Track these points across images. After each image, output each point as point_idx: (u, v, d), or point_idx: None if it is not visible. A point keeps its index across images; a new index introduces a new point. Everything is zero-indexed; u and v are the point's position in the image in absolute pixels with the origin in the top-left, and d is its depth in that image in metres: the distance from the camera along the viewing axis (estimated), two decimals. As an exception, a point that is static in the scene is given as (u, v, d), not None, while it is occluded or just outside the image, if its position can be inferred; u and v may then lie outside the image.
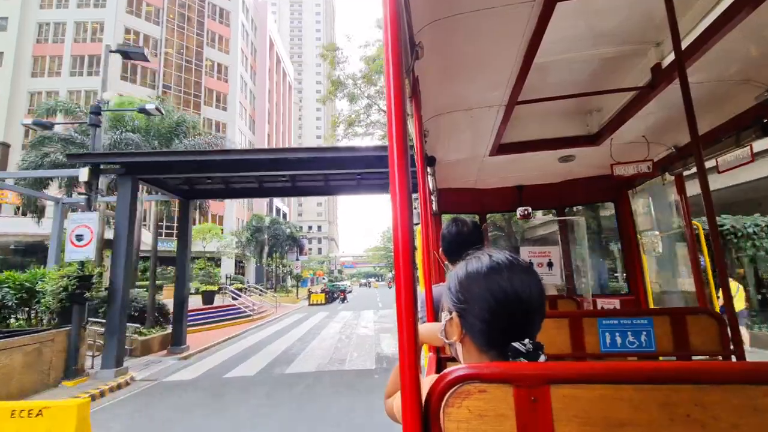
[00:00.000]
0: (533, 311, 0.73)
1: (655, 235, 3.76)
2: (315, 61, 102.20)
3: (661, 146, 2.83)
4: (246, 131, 44.72)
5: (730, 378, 0.59)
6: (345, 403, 6.26)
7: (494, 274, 0.75)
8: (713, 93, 2.06)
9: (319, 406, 6.15)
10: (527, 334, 0.72)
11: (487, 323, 0.73)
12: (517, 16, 1.47)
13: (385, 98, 0.70)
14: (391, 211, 0.65)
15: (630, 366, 0.64)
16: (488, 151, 2.90)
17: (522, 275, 0.75)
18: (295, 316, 21.61)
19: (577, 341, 1.87)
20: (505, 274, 0.74)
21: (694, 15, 1.61)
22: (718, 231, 1.59)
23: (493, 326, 0.73)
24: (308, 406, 6.17)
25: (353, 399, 6.43)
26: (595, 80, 2.21)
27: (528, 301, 0.73)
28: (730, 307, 1.67)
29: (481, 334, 0.74)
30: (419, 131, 1.67)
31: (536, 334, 0.74)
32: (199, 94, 39.91)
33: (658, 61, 1.88)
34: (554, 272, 3.48)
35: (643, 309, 3.32)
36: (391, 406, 0.96)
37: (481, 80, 1.97)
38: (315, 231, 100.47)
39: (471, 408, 0.61)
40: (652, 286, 4.30)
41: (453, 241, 1.72)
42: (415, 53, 1.43)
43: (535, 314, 0.74)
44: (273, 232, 35.09)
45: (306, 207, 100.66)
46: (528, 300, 0.73)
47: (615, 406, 0.59)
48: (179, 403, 6.59)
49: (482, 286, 0.74)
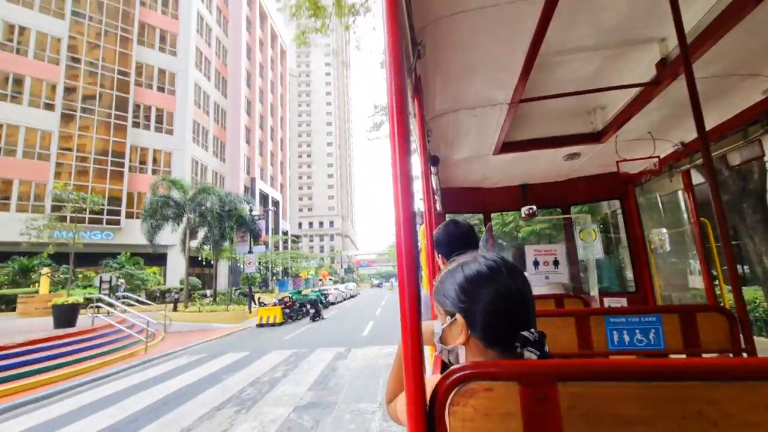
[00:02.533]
0: (531, 306, 0.79)
1: (662, 232, 3.72)
2: (323, 41, 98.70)
3: (667, 143, 2.81)
4: (208, 87, 33.94)
5: (743, 374, 0.58)
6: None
7: (497, 273, 0.79)
8: (719, 88, 2.04)
9: None
10: (530, 326, 0.76)
11: (496, 318, 0.76)
12: (519, 13, 1.46)
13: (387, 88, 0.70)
14: (394, 212, 0.65)
15: (640, 363, 0.63)
16: (492, 150, 2.89)
17: (518, 274, 0.80)
18: (177, 361, 9.94)
19: (583, 340, 1.85)
20: (505, 272, 0.79)
21: (698, 9, 1.59)
22: (727, 227, 1.58)
23: (502, 321, 0.76)
24: None
25: None
26: (599, 77, 2.19)
27: (527, 296, 0.79)
28: (741, 303, 1.65)
29: (488, 330, 0.76)
30: (422, 131, 1.66)
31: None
32: (130, 27, 28.35)
33: (663, 57, 1.86)
34: (560, 270, 3.45)
35: (651, 306, 3.29)
36: (395, 409, 0.95)
37: (484, 79, 1.96)
38: (327, 227, 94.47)
39: (477, 406, 0.60)
40: (659, 283, 4.26)
41: (453, 242, 1.66)
42: (417, 52, 1.43)
43: (532, 309, 0.79)
44: (198, 205, 21.22)
45: (316, 201, 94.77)
46: (527, 295, 0.79)
47: (625, 403, 0.58)
48: None
49: (488, 285, 0.77)
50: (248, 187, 38.79)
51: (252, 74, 42.58)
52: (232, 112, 38.35)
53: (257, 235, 24.34)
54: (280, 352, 10.47)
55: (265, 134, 45.26)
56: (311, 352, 10.10)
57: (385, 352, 9.67)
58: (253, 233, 23.86)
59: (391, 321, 16.97)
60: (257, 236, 24.43)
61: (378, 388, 6.59)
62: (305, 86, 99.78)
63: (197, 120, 32.07)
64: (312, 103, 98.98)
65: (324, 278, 54.11)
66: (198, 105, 32.49)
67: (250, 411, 5.77)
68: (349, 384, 6.94)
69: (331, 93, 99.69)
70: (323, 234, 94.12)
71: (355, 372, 7.82)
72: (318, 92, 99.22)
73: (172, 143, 29.64)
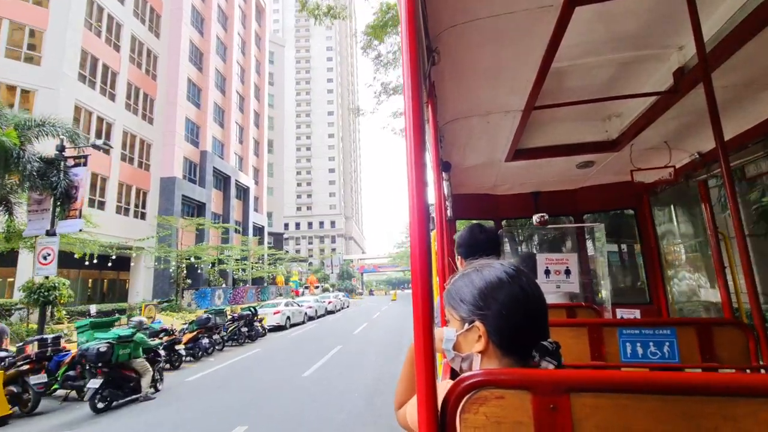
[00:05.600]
0: (546, 313, 0.78)
1: (677, 243, 3.66)
2: (324, 24, 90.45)
3: (683, 152, 2.76)
4: (118, 10, 23.53)
5: (761, 391, 0.57)
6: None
7: (517, 280, 0.77)
8: (739, 97, 2.01)
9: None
10: (547, 335, 0.76)
11: (516, 326, 0.75)
12: (535, 21, 1.46)
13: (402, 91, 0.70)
14: (409, 217, 0.65)
15: (654, 376, 0.62)
16: (504, 157, 2.88)
17: (534, 282, 0.79)
18: None
19: (596, 351, 1.82)
20: (524, 278, 0.78)
21: (717, 18, 1.57)
22: (745, 239, 1.54)
23: (521, 329, 0.75)
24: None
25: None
26: (614, 85, 2.17)
27: (545, 304, 0.78)
28: (760, 318, 1.61)
29: (506, 338, 0.74)
30: (435, 136, 1.67)
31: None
32: None
33: (681, 65, 1.84)
34: (572, 280, 3.40)
35: (665, 319, 3.22)
36: (404, 415, 0.94)
37: (498, 85, 1.96)
38: (327, 227, 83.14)
39: (488, 414, 0.60)
40: (673, 295, 4.17)
41: (476, 246, 1.67)
42: (432, 58, 1.44)
43: (546, 316, 0.78)
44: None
45: (316, 199, 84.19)
46: (545, 303, 0.78)
47: (638, 417, 0.57)
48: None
49: (509, 292, 0.76)
50: (195, 163, 29.41)
51: (206, 18, 32.63)
52: (170, 59, 27.59)
53: (67, 198, 12.29)
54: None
55: (228, 101, 35.19)
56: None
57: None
58: (63, 195, 11.98)
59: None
60: (67, 200, 12.29)
61: None
62: (305, 73, 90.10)
63: (91, 51, 21.21)
64: (312, 92, 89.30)
65: (312, 285, 45.81)
66: (94, 30, 21.71)
67: None
68: None
69: (333, 80, 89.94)
70: (323, 235, 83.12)
71: None
72: (318, 81, 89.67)
73: (37, 77, 18.53)
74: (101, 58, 22.04)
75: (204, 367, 10.16)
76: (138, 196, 24.25)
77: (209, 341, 11.54)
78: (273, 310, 18.52)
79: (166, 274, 23.73)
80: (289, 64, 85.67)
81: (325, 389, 7.46)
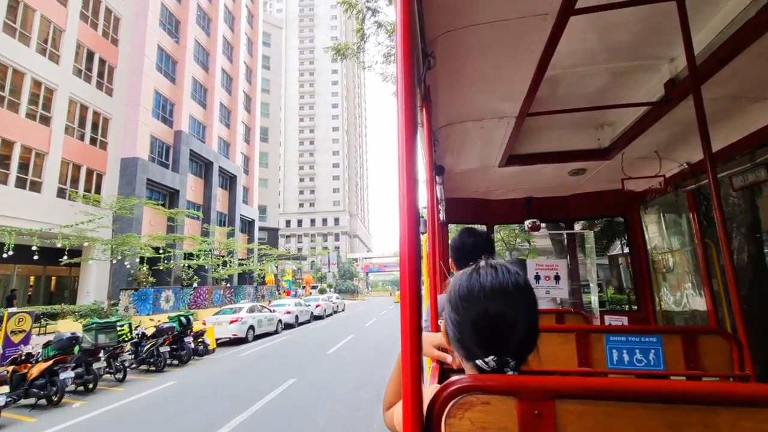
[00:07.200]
0: (515, 329, 0.71)
1: (666, 251, 3.71)
2: (330, 13, 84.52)
3: (673, 162, 2.80)
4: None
5: (744, 400, 0.58)
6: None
7: (478, 295, 0.74)
8: (728, 110, 2.04)
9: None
10: (502, 351, 0.71)
11: (463, 336, 0.76)
12: (530, 28, 1.48)
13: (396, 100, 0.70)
14: (399, 219, 0.65)
15: (639, 384, 0.63)
16: (498, 162, 2.90)
17: (501, 296, 0.73)
18: None
19: (583, 357, 1.83)
20: (483, 297, 0.73)
21: (708, 31, 1.60)
22: (731, 250, 1.57)
23: (468, 341, 0.75)
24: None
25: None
26: (607, 94, 2.20)
27: (508, 320, 0.71)
28: (743, 328, 1.63)
29: (459, 346, 0.78)
30: (429, 140, 1.67)
31: (515, 350, 0.72)
32: None
33: (672, 77, 1.87)
34: (561, 286, 3.43)
35: (652, 327, 3.26)
36: (391, 418, 0.94)
37: (493, 91, 1.97)
38: (331, 224, 79.11)
39: (473, 420, 0.60)
40: (660, 303, 4.22)
41: (463, 250, 1.69)
42: (428, 63, 1.44)
43: (512, 333, 0.71)
44: None
45: (319, 195, 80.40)
46: (507, 319, 0.71)
47: (622, 424, 0.58)
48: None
49: (458, 289, 0.79)
50: (167, 145, 25.40)
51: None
52: (136, 23, 23.55)
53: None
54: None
55: (212, 78, 30.79)
56: None
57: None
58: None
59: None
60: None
61: None
62: (308, 64, 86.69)
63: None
64: (316, 83, 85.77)
65: (308, 286, 42.64)
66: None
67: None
68: None
69: (338, 71, 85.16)
70: (326, 233, 78.79)
71: None
72: (323, 72, 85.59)
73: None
74: (39, 9, 17.78)
75: (41, 426, 5.79)
76: (90, 178, 19.96)
77: (75, 375, 7.41)
78: (230, 317, 14.49)
79: (124, 271, 19.36)
80: (292, 54, 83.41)
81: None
